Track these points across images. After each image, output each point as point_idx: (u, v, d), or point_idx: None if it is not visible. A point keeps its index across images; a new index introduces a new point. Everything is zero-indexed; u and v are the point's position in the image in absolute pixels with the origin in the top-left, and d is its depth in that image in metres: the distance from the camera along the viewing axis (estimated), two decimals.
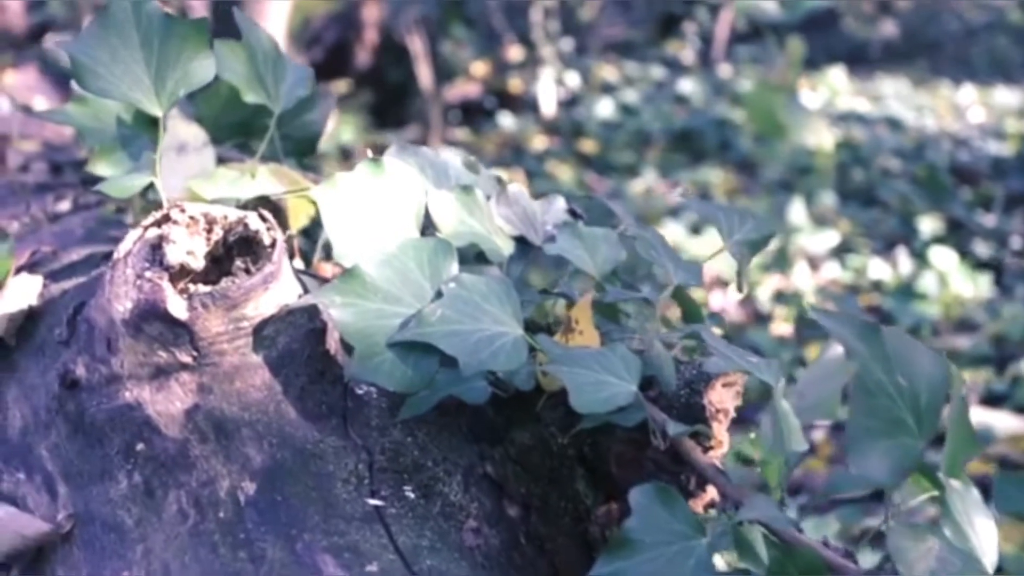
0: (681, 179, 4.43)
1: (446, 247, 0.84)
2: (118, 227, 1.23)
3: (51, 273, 1.11)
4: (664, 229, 3.74)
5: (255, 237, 0.84)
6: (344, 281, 0.81)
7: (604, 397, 0.77)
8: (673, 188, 4.32)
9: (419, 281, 0.83)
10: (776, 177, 4.30)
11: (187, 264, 0.83)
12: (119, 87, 0.93)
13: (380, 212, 0.90)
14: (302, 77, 1.10)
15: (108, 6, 0.94)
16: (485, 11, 5.95)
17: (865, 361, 0.70)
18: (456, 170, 1.04)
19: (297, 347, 0.86)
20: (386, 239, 0.88)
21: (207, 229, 0.86)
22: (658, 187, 4.42)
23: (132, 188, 0.97)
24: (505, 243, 0.97)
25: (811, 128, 3.82)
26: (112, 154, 1.06)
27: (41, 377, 0.94)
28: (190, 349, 0.82)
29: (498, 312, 0.82)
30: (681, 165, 4.59)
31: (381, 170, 0.91)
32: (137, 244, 0.87)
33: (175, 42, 0.95)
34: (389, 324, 0.80)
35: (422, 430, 0.86)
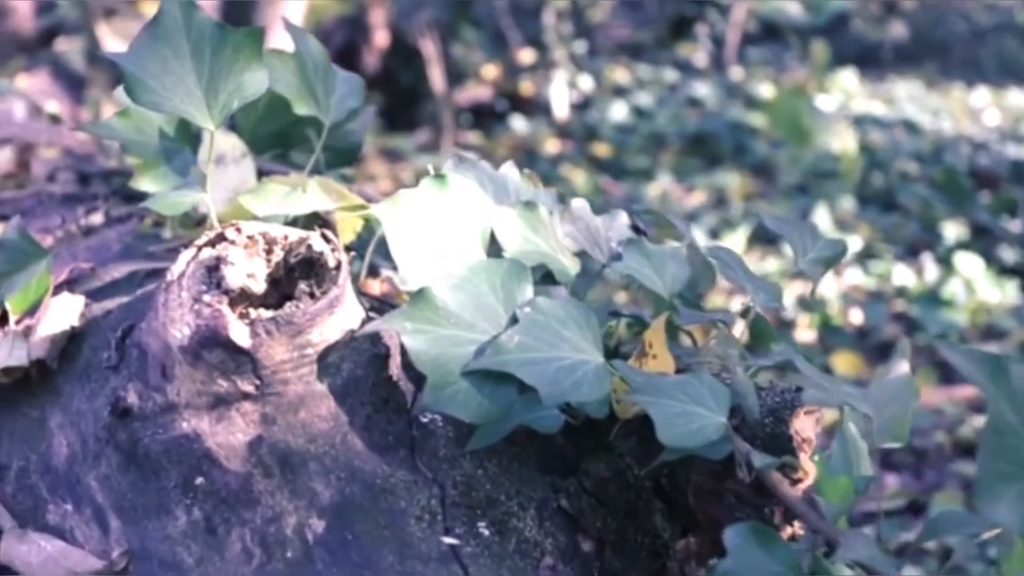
0: (697, 183, 4.38)
1: (519, 269, 0.80)
2: (156, 242, 1.19)
3: (91, 291, 1.07)
4: None
5: (319, 259, 0.80)
6: (415, 306, 0.77)
7: (693, 430, 0.73)
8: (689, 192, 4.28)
9: (493, 305, 0.78)
10: (793, 181, 4.25)
11: (248, 288, 0.79)
12: (170, 100, 0.89)
13: (445, 231, 0.86)
14: (353, 88, 1.06)
15: (157, 15, 0.90)
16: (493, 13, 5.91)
17: (994, 400, 0.66)
18: (515, 184, 1.00)
19: (362, 374, 0.81)
20: (453, 260, 0.83)
21: (267, 250, 0.82)
22: (674, 191, 4.38)
23: (181, 205, 0.93)
24: (571, 262, 0.92)
25: (835, 132, 3.78)
26: (156, 168, 1.02)
27: (88, 403, 0.90)
28: (252, 378, 0.77)
29: (577, 339, 0.77)
30: (697, 169, 4.54)
31: (445, 186, 0.87)
32: (191, 265, 0.83)
33: (227, 52, 0.90)
34: (463, 351, 0.76)
35: (492, 461, 0.82)
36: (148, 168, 1.01)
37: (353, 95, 1.05)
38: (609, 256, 0.96)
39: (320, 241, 0.81)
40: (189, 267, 0.84)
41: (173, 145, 1.04)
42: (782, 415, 0.81)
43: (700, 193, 4.35)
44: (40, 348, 0.96)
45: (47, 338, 0.97)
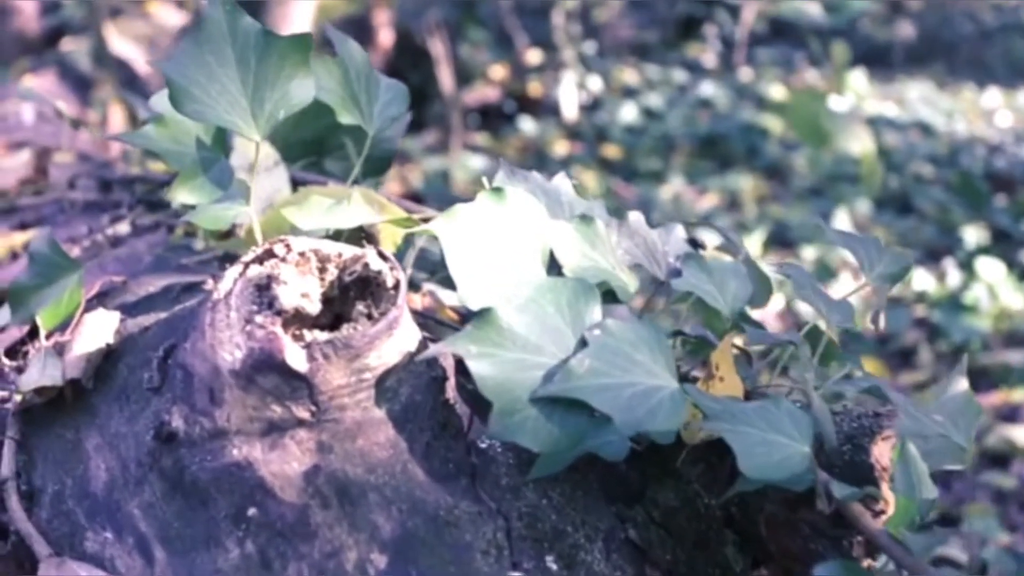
0: (709, 186, 4.35)
1: (586, 289, 0.76)
2: (187, 253, 1.15)
3: (125, 306, 1.03)
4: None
5: (376, 278, 0.76)
6: (479, 328, 0.73)
7: (776, 461, 0.69)
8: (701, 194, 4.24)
9: (560, 327, 0.74)
10: (808, 184, 4.22)
11: (302, 308, 0.75)
12: (215, 109, 0.85)
13: (504, 247, 0.82)
14: (396, 95, 1.02)
15: (201, 20, 0.86)
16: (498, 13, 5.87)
17: None
18: (568, 196, 0.96)
19: (420, 399, 0.78)
20: (515, 278, 0.80)
21: (320, 268, 0.78)
22: (686, 193, 4.34)
23: (224, 219, 0.89)
24: (631, 279, 0.89)
25: (853, 134, 3.74)
26: (193, 179, 0.97)
27: (128, 426, 0.86)
28: (308, 404, 0.74)
29: (650, 363, 0.74)
30: (708, 171, 4.51)
31: (503, 200, 0.84)
32: (239, 283, 0.80)
33: (273, 60, 0.87)
34: (530, 376, 0.72)
35: (556, 490, 0.78)
36: (186, 179, 0.97)
37: (396, 102, 1.01)
38: (667, 271, 0.92)
39: (377, 259, 0.77)
40: (236, 285, 0.80)
41: (210, 155, 1.00)
42: (861, 442, 0.77)
43: (712, 195, 4.32)
44: (75, 367, 0.93)
45: (82, 356, 0.93)
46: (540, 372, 0.73)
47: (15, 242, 1.40)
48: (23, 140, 2.13)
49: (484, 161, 4.65)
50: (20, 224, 1.48)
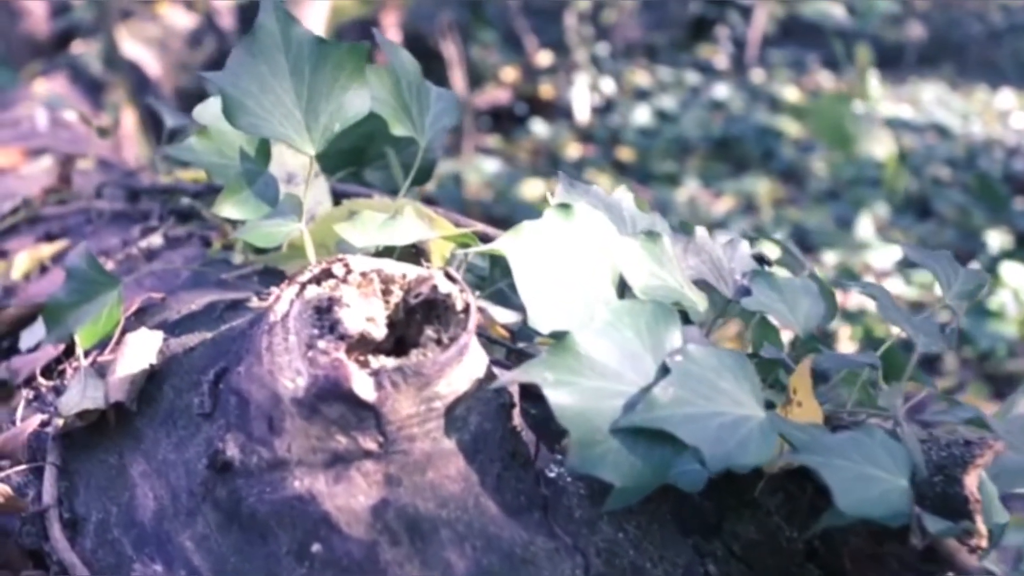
0: (725, 189, 4.31)
1: (665, 312, 0.72)
2: (226, 268, 1.11)
3: (166, 325, 0.99)
4: None
5: (445, 301, 0.72)
6: (555, 355, 0.69)
7: (875, 496, 0.65)
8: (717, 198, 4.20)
9: (639, 353, 0.71)
10: (824, 187, 4.18)
11: (367, 333, 0.72)
12: (269, 122, 0.81)
13: (573, 266, 0.78)
14: (448, 105, 0.98)
15: (254, 29, 0.82)
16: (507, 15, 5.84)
17: None
18: (630, 211, 0.92)
19: (489, 427, 0.74)
20: (585, 299, 0.76)
21: (384, 290, 0.75)
22: (701, 196, 4.31)
23: (276, 236, 0.86)
24: (700, 298, 0.85)
25: (876, 138, 3.70)
26: (238, 193, 0.94)
27: (177, 452, 0.83)
28: (376, 434, 0.70)
29: (735, 390, 0.70)
30: (724, 174, 4.47)
31: (571, 216, 0.80)
32: (296, 305, 0.76)
33: (328, 70, 0.83)
34: (610, 405, 0.69)
35: (631, 522, 0.74)
36: (231, 193, 0.93)
37: (448, 112, 0.97)
38: (735, 289, 0.89)
39: (446, 281, 0.73)
40: (294, 307, 0.76)
41: (254, 167, 0.97)
42: (953, 473, 0.73)
43: (728, 199, 4.28)
44: (119, 389, 0.89)
45: (126, 378, 0.89)
46: (620, 401, 0.69)
47: (42, 254, 1.36)
48: (41, 147, 2.10)
49: (496, 164, 4.61)
50: (46, 235, 1.44)
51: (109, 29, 3.91)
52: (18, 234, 1.52)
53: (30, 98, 3.35)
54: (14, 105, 3.30)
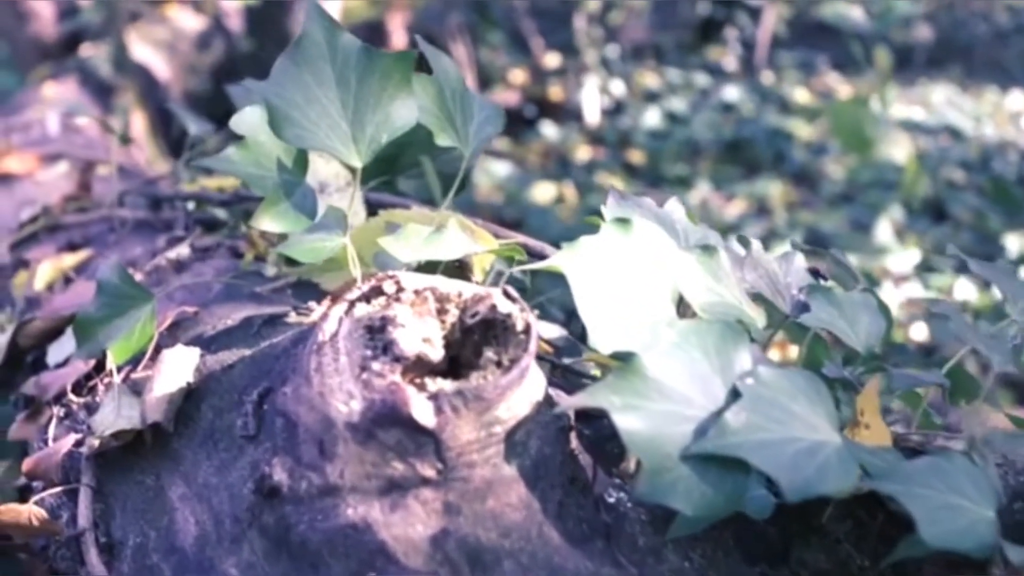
0: (737, 192, 4.28)
1: (734, 332, 0.69)
2: (259, 280, 1.08)
3: (201, 340, 0.96)
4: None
5: (505, 321, 0.70)
6: (621, 378, 0.66)
7: (962, 528, 0.63)
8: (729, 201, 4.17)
9: (708, 375, 0.68)
10: (837, 190, 4.15)
11: (424, 355, 0.69)
12: (315, 134, 0.78)
13: (632, 282, 0.75)
14: (491, 114, 0.95)
15: (299, 39, 0.79)
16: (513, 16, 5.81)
17: None
18: (683, 224, 0.89)
19: (549, 452, 0.71)
20: (646, 318, 0.73)
21: (439, 309, 0.72)
22: (713, 200, 4.27)
23: (321, 251, 0.83)
24: (758, 314, 0.82)
25: (894, 141, 3.67)
26: (277, 205, 0.91)
27: (219, 476, 0.80)
28: (434, 461, 0.67)
29: (809, 414, 0.67)
30: (735, 177, 4.44)
31: (629, 231, 0.77)
32: (346, 324, 0.73)
33: (375, 79, 0.80)
34: (680, 431, 0.66)
35: (696, 550, 0.72)
36: (270, 205, 0.91)
37: (491, 122, 0.95)
38: (792, 305, 0.86)
39: (505, 301, 0.70)
40: (343, 326, 0.73)
41: (292, 178, 0.94)
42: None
43: (740, 202, 4.24)
44: (156, 409, 0.86)
45: (163, 398, 0.87)
46: (690, 426, 0.66)
47: (65, 264, 1.34)
48: (56, 152, 2.07)
49: (506, 167, 4.58)
50: (68, 244, 1.42)
51: (118, 32, 3.88)
52: (38, 243, 1.49)
53: (40, 102, 3.33)
54: (24, 109, 3.27)
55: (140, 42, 4.13)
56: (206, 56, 4.51)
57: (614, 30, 5.80)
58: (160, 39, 4.28)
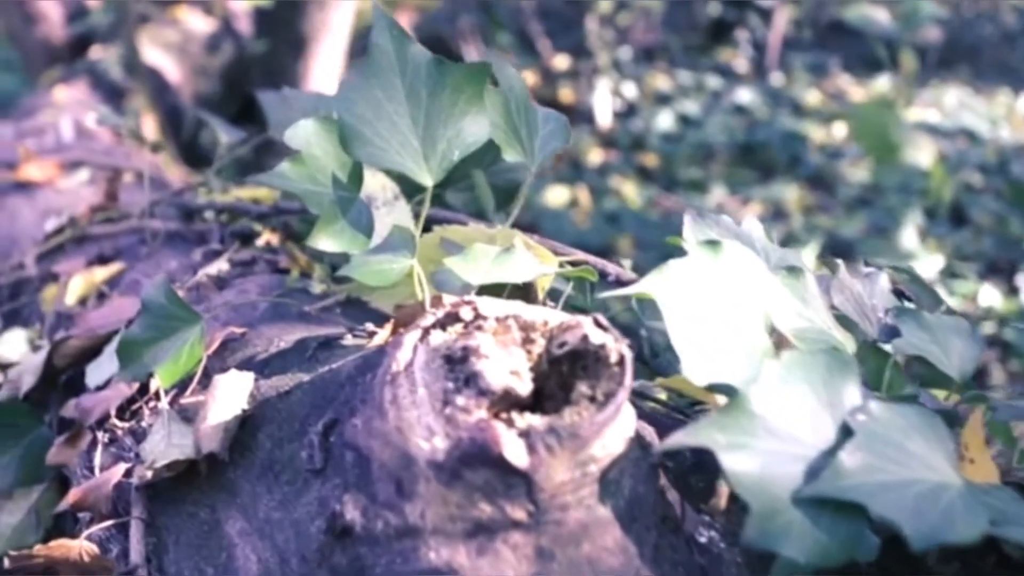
0: (752, 195, 4.24)
1: (842, 363, 0.65)
2: (306, 298, 1.04)
3: (253, 363, 0.92)
4: None
5: (597, 352, 0.65)
6: (726, 415, 0.62)
7: None
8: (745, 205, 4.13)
9: (816, 410, 0.64)
10: (854, 193, 4.11)
11: (512, 389, 0.65)
12: (387, 152, 0.74)
13: (725, 308, 0.71)
14: (557, 126, 0.91)
15: (369, 52, 0.75)
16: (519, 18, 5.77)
17: None
18: (763, 243, 0.85)
19: (643, 491, 0.67)
20: (742, 347, 0.69)
21: (524, 338, 0.68)
22: (729, 204, 4.24)
23: (389, 274, 0.78)
24: (848, 340, 0.78)
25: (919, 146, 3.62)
26: (334, 223, 0.87)
27: (282, 511, 0.76)
28: (526, 503, 0.63)
29: (926, 453, 0.63)
30: (750, 181, 4.40)
31: (718, 253, 0.73)
32: (421, 353, 0.69)
33: (446, 93, 0.76)
34: (790, 472, 0.62)
35: None
36: (326, 223, 0.86)
37: (557, 135, 0.90)
38: (879, 330, 0.82)
39: (597, 330, 0.66)
40: (418, 355, 0.69)
41: (347, 194, 0.90)
42: None
43: (756, 205, 4.21)
44: (212, 439, 0.82)
45: (219, 426, 0.82)
46: (800, 466, 0.62)
47: (96, 278, 1.29)
48: (77, 159, 2.03)
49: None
50: (98, 257, 1.37)
51: (129, 34, 3.84)
52: (65, 254, 1.45)
53: (51, 105, 3.29)
54: (36, 113, 3.23)
55: (150, 45, 4.09)
56: (216, 58, 4.47)
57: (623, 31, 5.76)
58: (170, 41, 4.24)
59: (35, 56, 4.52)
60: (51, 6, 4.51)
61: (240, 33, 4.67)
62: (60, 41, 4.50)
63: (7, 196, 1.90)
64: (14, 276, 1.46)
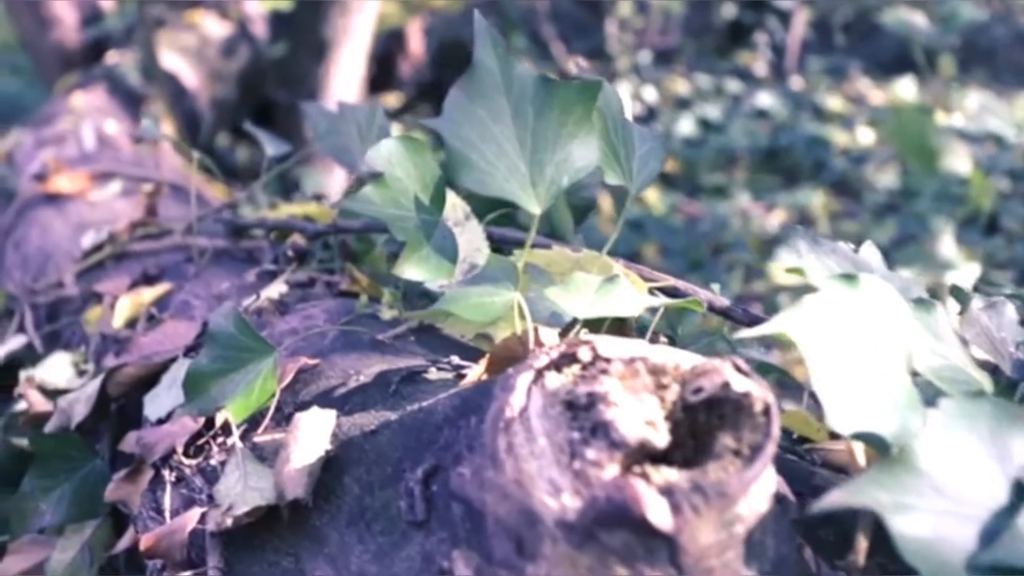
0: (777, 201, 4.18)
1: (1008, 411, 0.60)
2: (377, 325, 0.98)
3: (330, 398, 0.87)
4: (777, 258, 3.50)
5: (741, 400, 0.60)
6: (887, 471, 0.57)
7: None
8: (769, 211, 4.07)
9: (985, 466, 0.58)
10: (881, 200, 4.06)
11: (648, 442, 0.59)
12: (495, 178, 0.69)
13: (866, 349, 0.65)
14: (654, 147, 0.85)
15: (472, 70, 0.70)
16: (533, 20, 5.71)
17: None
18: (882, 273, 0.80)
19: (785, 551, 0.61)
20: (888, 391, 0.63)
21: (657, 384, 0.62)
22: (753, 210, 4.18)
23: (492, 311, 0.73)
24: (984, 379, 0.72)
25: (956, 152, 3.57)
26: (419, 251, 0.81)
27: (378, 565, 0.70)
28: (668, 568, 0.57)
29: None
30: (774, 186, 4.34)
31: (856, 287, 0.67)
32: (537, 398, 0.63)
33: (554, 114, 0.71)
34: (961, 534, 0.56)
35: None
36: (412, 251, 0.81)
37: (654, 155, 0.85)
38: (1014, 366, 0.76)
39: (738, 376, 0.60)
40: (533, 399, 0.63)
41: (430, 217, 0.84)
42: None
43: (781, 211, 4.15)
44: (296, 483, 0.76)
45: (303, 470, 0.77)
46: (972, 528, 0.56)
47: (143, 299, 1.24)
48: (107, 171, 1.98)
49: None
50: (143, 276, 1.32)
51: (148, 39, 3.79)
52: (106, 272, 1.40)
53: (69, 112, 3.23)
54: (54, 120, 3.17)
55: (167, 49, 4.04)
56: (232, 63, 4.42)
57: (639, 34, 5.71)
58: (187, 46, 4.19)
59: (49, 61, 4.47)
60: (66, 10, 4.46)
61: (256, 37, 4.62)
62: (74, 45, 4.45)
63: (37, 209, 1.85)
64: (53, 295, 1.41)
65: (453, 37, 4.99)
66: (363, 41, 3.60)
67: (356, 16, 3.49)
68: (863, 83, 5.73)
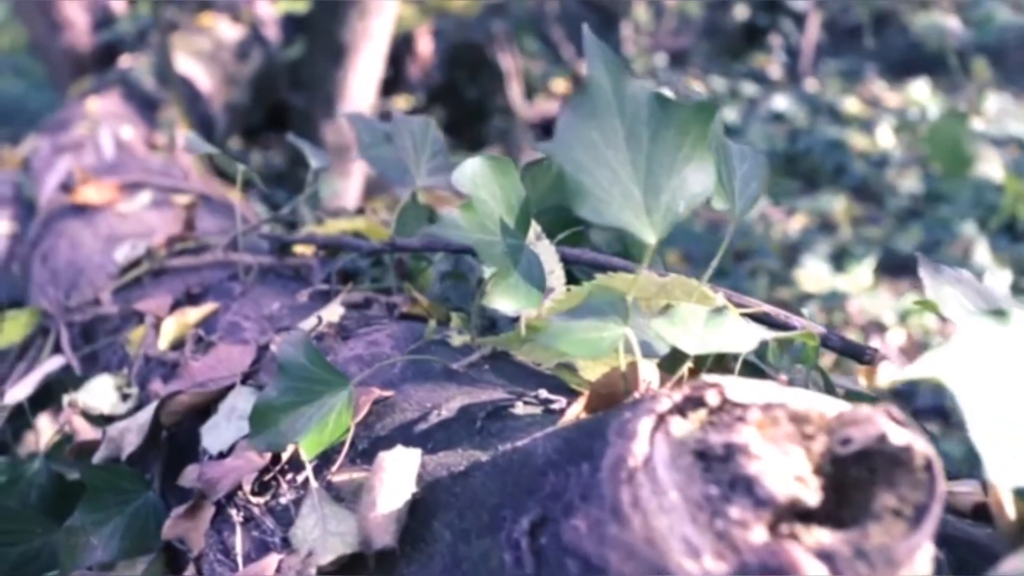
0: (798, 207, 4.13)
1: None
2: (448, 353, 0.93)
3: (409, 434, 0.81)
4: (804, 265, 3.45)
5: (897, 455, 0.55)
6: None
7: None
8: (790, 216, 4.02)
9: None
10: (904, 205, 4.01)
11: (798, 500, 0.54)
12: (610, 205, 0.63)
13: (1016, 390, 0.60)
14: (755, 165, 0.80)
15: (584, 88, 0.64)
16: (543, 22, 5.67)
17: None
18: (1009, 302, 0.74)
19: None
20: None
21: (803, 433, 0.57)
22: (774, 215, 4.13)
23: (601, 345, 0.67)
24: None
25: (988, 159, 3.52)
26: (508, 278, 0.76)
27: None
28: None
29: None
30: (794, 191, 4.29)
31: (1006, 323, 0.62)
32: (663, 447, 0.58)
33: (669, 135, 0.65)
34: None
35: None
36: (501, 279, 0.76)
37: (756, 175, 0.80)
38: None
39: (895, 427, 0.55)
40: (657, 447, 0.58)
41: (515, 241, 0.79)
42: None
43: (801, 217, 4.10)
44: (384, 531, 0.71)
45: (391, 516, 0.72)
46: None
47: (188, 320, 1.19)
48: (136, 181, 1.92)
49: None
50: (186, 294, 1.27)
51: (164, 43, 3.74)
52: (145, 290, 1.35)
53: (84, 117, 3.18)
54: (69, 126, 3.12)
55: (182, 53, 3.99)
56: (246, 66, 4.37)
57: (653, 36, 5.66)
58: (201, 49, 4.14)
59: (60, 65, 4.42)
60: (78, 13, 4.41)
61: (268, 40, 4.57)
62: (86, 49, 4.40)
63: (64, 220, 1.80)
64: (90, 313, 1.36)
65: (462, 39, 4.94)
66: (381, 44, 3.55)
67: (375, 19, 3.44)
68: (878, 85, 5.69)
